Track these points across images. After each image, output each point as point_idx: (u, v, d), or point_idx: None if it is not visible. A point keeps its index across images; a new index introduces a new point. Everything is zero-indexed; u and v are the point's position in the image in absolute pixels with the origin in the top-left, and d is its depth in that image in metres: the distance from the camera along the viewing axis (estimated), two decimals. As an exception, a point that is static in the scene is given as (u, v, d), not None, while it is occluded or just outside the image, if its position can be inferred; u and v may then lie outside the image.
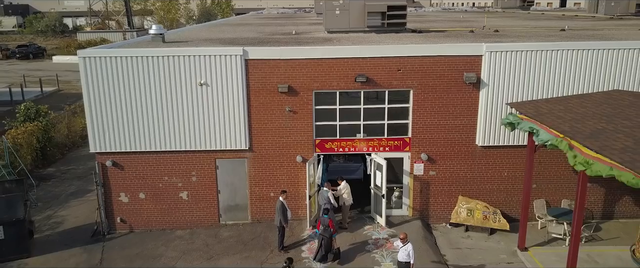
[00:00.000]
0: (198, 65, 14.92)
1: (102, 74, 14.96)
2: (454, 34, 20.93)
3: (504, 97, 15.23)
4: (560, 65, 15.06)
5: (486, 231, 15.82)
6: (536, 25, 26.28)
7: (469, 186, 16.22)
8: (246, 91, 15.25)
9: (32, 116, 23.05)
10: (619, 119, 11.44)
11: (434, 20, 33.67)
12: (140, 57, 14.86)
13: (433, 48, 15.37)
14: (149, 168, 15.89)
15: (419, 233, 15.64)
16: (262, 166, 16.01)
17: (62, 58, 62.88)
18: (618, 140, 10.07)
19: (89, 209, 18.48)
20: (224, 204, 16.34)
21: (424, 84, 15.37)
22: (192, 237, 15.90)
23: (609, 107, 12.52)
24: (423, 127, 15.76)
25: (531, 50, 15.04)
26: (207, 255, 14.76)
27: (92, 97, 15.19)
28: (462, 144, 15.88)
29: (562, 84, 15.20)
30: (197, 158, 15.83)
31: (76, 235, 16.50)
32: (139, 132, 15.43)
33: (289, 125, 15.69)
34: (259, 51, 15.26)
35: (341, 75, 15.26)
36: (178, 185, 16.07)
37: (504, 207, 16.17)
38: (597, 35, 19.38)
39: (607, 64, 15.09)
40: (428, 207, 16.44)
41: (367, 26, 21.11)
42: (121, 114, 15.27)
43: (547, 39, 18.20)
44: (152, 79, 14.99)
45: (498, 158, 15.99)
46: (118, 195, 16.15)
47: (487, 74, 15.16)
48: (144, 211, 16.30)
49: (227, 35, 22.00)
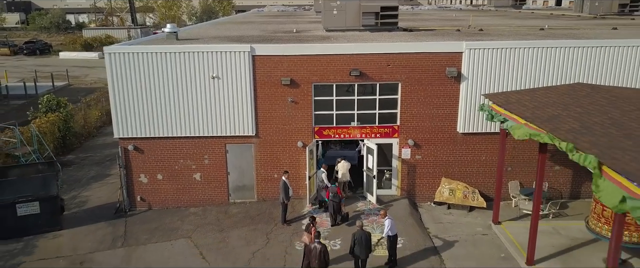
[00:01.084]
0: (210, 61, 16.85)
1: (125, 68, 16.89)
2: (442, 33, 22.86)
3: (482, 89, 17.18)
4: (532, 61, 17.02)
5: (466, 208, 17.81)
6: (521, 25, 28.22)
7: (450, 169, 18.20)
8: (253, 84, 17.18)
9: (53, 107, 24.95)
10: (574, 107, 13.40)
11: (426, 19, 35.58)
12: (160, 53, 16.79)
13: (419, 45, 17.32)
14: (166, 152, 17.85)
15: (406, 210, 17.63)
16: (267, 150, 17.97)
17: (68, 54, 64.67)
18: (567, 123, 12.03)
19: (109, 191, 20.46)
20: (233, 184, 18.31)
21: (411, 77, 17.32)
22: (204, 213, 17.88)
23: (569, 97, 14.46)
24: (410, 116, 17.72)
25: (506, 47, 17.00)
26: (218, 228, 16.74)
27: (116, 88, 17.13)
28: (444, 131, 17.86)
29: (533, 77, 17.16)
30: (209, 143, 17.79)
31: (100, 212, 18.46)
32: (158, 120, 17.37)
33: (291, 114, 17.63)
34: (265, 48, 17.19)
35: (337, 69, 17.20)
36: (192, 167, 18.03)
37: (482, 187, 18.14)
38: (570, 34, 21.30)
39: (572, 60, 17.04)
40: (414, 188, 18.43)
41: (362, 25, 23.06)
42: (142, 103, 17.20)
43: (524, 37, 20.18)
44: (169, 72, 16.91)
45: (477, 144, 17.96)
46: (138, 176, 18.10)
47: (467, 68, 17.12)
48: (161, 190, 18.26)
49: (233, 33, 23.91)
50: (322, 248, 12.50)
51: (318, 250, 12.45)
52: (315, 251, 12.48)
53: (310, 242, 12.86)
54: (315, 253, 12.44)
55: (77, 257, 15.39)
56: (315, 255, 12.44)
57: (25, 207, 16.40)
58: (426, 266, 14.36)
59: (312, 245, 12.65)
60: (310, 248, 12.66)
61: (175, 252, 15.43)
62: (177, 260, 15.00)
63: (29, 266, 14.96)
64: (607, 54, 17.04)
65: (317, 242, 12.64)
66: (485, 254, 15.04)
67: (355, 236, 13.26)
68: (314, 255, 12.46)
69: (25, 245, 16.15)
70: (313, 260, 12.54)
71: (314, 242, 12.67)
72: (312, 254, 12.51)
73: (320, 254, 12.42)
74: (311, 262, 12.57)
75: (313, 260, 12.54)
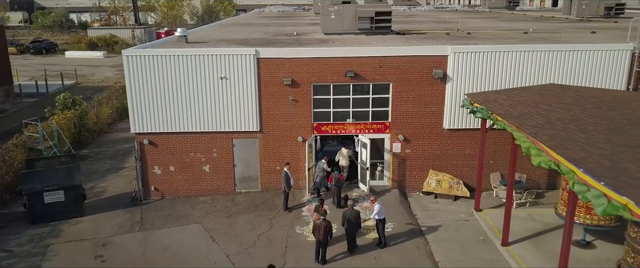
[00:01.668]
0: (219, 62, 18.56)
1: (141, 69, 18.59)
2: (432, 36, 24.59)
3: (465, 89, 18.90)
4: (510, 63, 18.75)
5: (451, 198, 19.55)
6: (508, 28, 29.96)
7: (437, 162, 19.94)
8: (257, 84, 18.90)
9: (69, 105, 26.66)
10: (543, 105, 15.13)
11: (421, 21, 37.32)
12: (173, 56, 18.50)
13: (408, 49, 19.05)
14: (178, 145, 19.57)
15: (396, 199, 19.39)
16: (270, 145, 19.70)
17: (74, 53, 66.31)
18: (534, 119, 13.76)
19: (123, 182, 22.21)
20: (239, 176, 20.05)
21: (401, 78, 19.04)
22: (213, 202, 19.62)
23: (540, 96, 16.20)
24: (400, 113, 19.45)
25: (487, 51, 18.73)
26: (226, 214, 18.49)
27: (133, 87, 18.82)
28: (432, 127, 19.59)
29: (512, 78, 18.89)
30: (218, 138, 19.51)
31: (117, 200, 20.21)
32: (171, 116, 19.08)
33: (292, 112, 19.36)
34: (268, 51, 18.92)
35: (334, 71, 18.92)
36: (201, 159, 19.76)
37: (466, 178, 19.88)
38: (549, 38, 23.00)
39: (547, 63, 18.78)
40: (404, 179, 20.17)
41: (358, 29, 24.79)
42: (156, 101, 18.90)
43: (506, 41, 21.90)
44: (182, 73, 18.62)
45: (461, 139, 19.70)
46: (152, 168, 19.83)
47: (452, 70, 18.84)
48: (173, 181, 19.99)
49: (238, 36, 25.61)
50: (326, 224, 14.73)
51: (323, 225, 14.68)
52: (321, 226, 14.69)
53: (317, 220, 14.96)
54: (321, 228, 14.67)
55: (99, 239, 17.13)
56: (321, 229, 14.66)
57: (51, 195, 18.12)
58: (412, 247, 16.10)
59: (319, 222, 14.80)
60: (317, 224, 14.82)
61: (188, 235, 17.17)
62: (190, 242, 16.73)
63: (57, 247, 16.70)
64: (578, 57, 18.77)
65: (322, 219, 14.79)
66: (466, 237, 16.78)
67: (346, 214, 15.37)
68: (320, 229, 14.67)
69: (51, 229, 17.89)
70: (317, 233, 14.76)
71: (320, 219, 14.82)
72: (318, 228, 14.70)
73: (325, 228, 14.68)
74: (319, 234, 14.74)
75: (317, 233, 14.76)
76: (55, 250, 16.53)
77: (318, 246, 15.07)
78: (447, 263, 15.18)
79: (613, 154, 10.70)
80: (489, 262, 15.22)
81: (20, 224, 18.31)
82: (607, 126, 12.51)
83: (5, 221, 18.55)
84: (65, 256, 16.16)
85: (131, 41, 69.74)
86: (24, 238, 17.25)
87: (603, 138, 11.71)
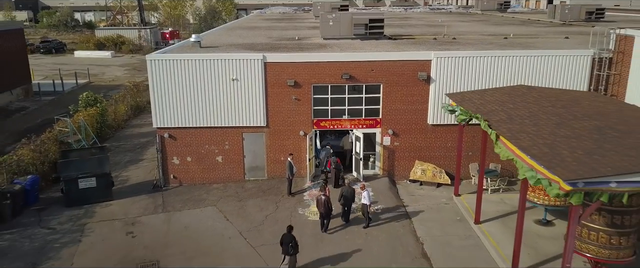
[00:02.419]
0: (231, 66, 21.22)
1: (163, 72, 21.23)
2: (420, 41, 27.25)
3: (447, 89, 21.56)
4: (486, 67, 21.43)
5: (434, 185, 22.25)
6: (492, 32, 32.60)
7: (422, 153, 22.63)
8: (264, 84, 21.55)
9: (91, 103, 29.31)
10: (509, 103, 17.79)
11: (413, 25, 39.95)
12: (191, 60, 21.15)
13: (397, 54, 21.72)
14: (194, 139, 22.23)
15: (386, 186, 22.09)
16: (275, 138, 22.36)
17: (82, 53, 68.87)
18: (498, 115, 16.42)
19: (144, 172, 24.89)
20: (248, 165, 22.73)
21: (390, 80, 21.71)
22: (225, 188, 22.30)
23: (509, 96, 18.85)
24: (390, 110, 22.13)
25: (466, 56, 21.41)
26: (237, 198, 21.19)
27: (155, 87, 21.46)
28: (417, 123, 22.27)
29: (487, 80, 21.57)
30: (229, 132, 22.18)
31: (140, 187, 22.89)
32: (188, 113, 21.73)
33: (294, 109, 22.01)
34: (274, 56, 21.57)
35: (332, 73, 21.58)
36: (215, 151, 22.43)
37: (447, 168, 22.55)
38: (525, 44, 25.64)
39: (518, 66, 21.46)
40: (393, 168, 22.86)
41: (354, 34, 27.46)
42: (176, 99, 21.54)
43: (486, 46, 24.55)
44: (198, 75, 21.26)
45: (443, 133, 22.39)
46: (172, 158, 22.50)
47: (435, 73, 21.51)
48: (190, 170, 22.66)
49: (245, 41, 28.24)
50: (326, 199, 17.68)
51: (323, 200, 17.62)
52: (321, 200, 17.66)
53: (318, 196, 17.99)
54: (321, 202, 17.66)
55: (128, 219, 19.82)
56: (321, 203, 17.67)
57: (85, 182, 20.80)
58: (399, 225, 18.80)
59: (319, 197, 17.81)
60: (320, 200, 17.79)
61: (205, 216, 19.87)
62: (207, 221, 19.43)
63: (93, 226, 19.39)
64: (547, 61, 21.46)
65: (322, 194, 17.74)
66: (445, 217, 19.48)
67: (343, 191, 18.42)
68: (321, 203, 17.70)
69: (85, 211, 20.57)
70: (320, 206, 17.76)
71: (322, 195, 17.77)
72: (320, 203, 17.73)
73: (325, 202, 17.66)
74: (321, 208, 17.76)
75: (320, 206, 17.76)
76: (91, 228, 19.23)
77: (322, 218, 17.98)
78: (427, 238, 17.89)
79: (553, 143, 13.38)
80: (462, 237, 17.93)
81: (57, 207, 21.00)
82: (556, 121, 15.19)
83: (45, 204, 21.24)
84: (100, 233, 18.85)
85: (137, 41, 72.31)
86: (63, 218, 19.94)
87: (549, 131, 14.39)
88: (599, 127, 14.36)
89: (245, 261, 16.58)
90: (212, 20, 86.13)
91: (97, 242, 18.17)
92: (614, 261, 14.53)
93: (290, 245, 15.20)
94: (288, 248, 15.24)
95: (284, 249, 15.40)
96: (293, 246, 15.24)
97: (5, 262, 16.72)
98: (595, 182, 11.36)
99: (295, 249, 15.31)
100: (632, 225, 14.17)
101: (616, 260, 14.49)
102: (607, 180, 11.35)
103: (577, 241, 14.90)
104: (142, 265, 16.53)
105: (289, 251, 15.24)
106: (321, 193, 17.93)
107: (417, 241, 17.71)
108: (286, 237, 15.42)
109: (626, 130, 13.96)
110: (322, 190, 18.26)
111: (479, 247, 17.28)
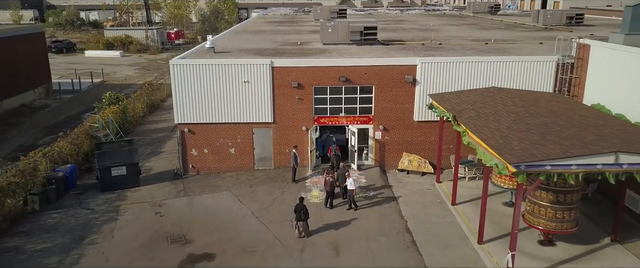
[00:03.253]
0: (243, 70, 24.48)
1: (184, 75, 24.47)
2: (409, 47, 30.51)
3: (430, 90, 24.82)
4: (465, 71, 24.69)
5: (419, 173, 25.57)
6: (477, 37, 35.85)
7: (409, 146, 25.94)
8: (272, 86, 24.81)
9: (113, 101, 32.58)
10: (480, 103, 21.08)
11: (406, 29, 43.21)
12: (208, 64, 24.41)
13: (386, 60, 25.01)
14: (210, 133, 25.52)
15: (377, 174, 25.41)
16: (281, 132, 25.64)
17: (93, 52, 72.04)
18: (469, 113, 19.71)
19: (164, 162, 28.17)
20: (257, 156, 26.03)
21: (381, 82, 24.99)
22: (237, 176, 25.61)
23: (481, 96, 22.14)
24: (381, 109, 25.42)
25: (447, 62, 24.68)
26: (249, 184, 24.50)
27: (177, 88, 24.71)
28: (405, 120, 25.57)
29: (466, 82, 24.83)
30: (241, 127, 25.46)
31: (163, 176, 26.18)
32: (206, 111, 24.98)
33: (298, 107, 25.28)
34: (280, 61, 24.85)
35: (330, 76, 24.84)
36: (229, 144, 25.71)
37: (431, 158, 25.86)
38: (502, 49, 28.91)
39: (493, 71, 24.73)
40: (384, 159, 26.19)
41: (350, 40, 30.72)
42: (195, 98, 24.78)
43: (467, 52, 27.80)
44: (214, 77, 24.51)
45: (427, 129, 25.68)
46: (191, 150, 25.79)
47: (420, 76, 24.79)
48: (206, 160, 25.96)
49: (253, 46, 31.47)
50: (331, 180, 21.34)
51: (330, 181, 21.23)
52: (328, 181, 21.36)
53: (326, 177, 21.65)
54: (328, 183, 21.31)
55: (156, 202, 23.12)
56: (328, 183, 21.31)
57: (116, 170, 24.09)
58: (387, 206, 22.10)
59: (327, 178, 21.47)
60: (326, 180, 21.45)
61: (221, 199, 23.17)
62: (223, 203, 22.73)
63: (126, 207, 22.68)
64: (517, 66, 24.74)
65: (329, 176, 21.40)
66: (427, 200, 22.79)
67: (339, 173, 22.05)
68: (327, 183, 21.36)
69: (118, 195, 23.87)
70: (327, 186, 21.33)
71: (329, 177, 21.41)
72: (327, 183, 21.40)
73: (331, 183, 21.29)
74: (327, 187, 21.37)
75: (327, 186, 21.33)
76: (125, 208, 22.53)
77: (327, 196, 21.56)
78: (410, 217, 21.21)
79: (508, 135, 16.68)
80: (440, 216, 21.26)
81: (93, 191, 24.30)
82: (514, 118, 18.48)
83: (81, 189, 24.53)
84: (133, 212, 22.16)
85: (145, 41, 75.50)
86: (99, 201, 23.25)
87: (507, 126, 17.68)
88: (547, 122, 17.69)
89: (257, 233, 19.91)
90: (215, 21, 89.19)
91: (131, 220, 21.47)
92: (560, 232, 17.90)
93: (302, 211, 19.09)
94: (300, 214, 19.11)
95: (297, 216, 19.21)
96: (304, 213, 19.13)
97: (58, 235, 20.03)
98: (534, 165, 14.68)
99: (306, 215, 19.24)
100: (574, 202, 17.52)
101: (561, 231, 17.87)
102: (542, 164, 14.67)
103: (531, 216, 18.32)
104: (172, 237, 19.85)
105: (301, 217, 19.12)
106: (329, 175, 21.53)
107: (402, 219, 21.03)
108: (299, 206, 19.26)
109: (567, 125, 17.30)
110: (329, 173, 21.83)
111: (454, 224, 20.61)
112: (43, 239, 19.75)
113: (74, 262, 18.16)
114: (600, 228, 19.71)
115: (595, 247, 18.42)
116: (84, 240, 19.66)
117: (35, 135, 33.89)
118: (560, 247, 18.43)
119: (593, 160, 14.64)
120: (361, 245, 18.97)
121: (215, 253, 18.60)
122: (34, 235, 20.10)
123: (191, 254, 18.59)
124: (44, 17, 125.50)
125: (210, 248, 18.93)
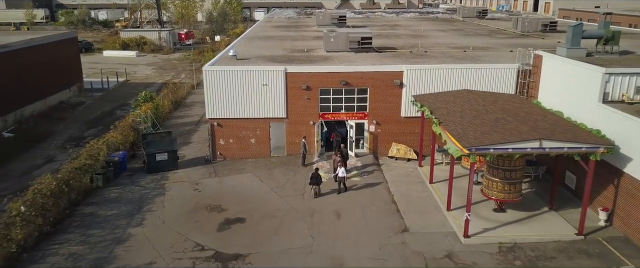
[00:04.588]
0: (262, 75, 30.11)
1: (214, 79, 30.08)
2: (399, 54, 36.14)
3: (415, 91, 30.46)
4: (443, 76, 30.35)
5: (406, 159, 31.28)
6: (459, 44, 41.42)
7: (397, 137, 31.64)
8: (285, 88, 30.45)
9: (147, 99, 38.20)
10: (452, 103, 26.71)
11: (399, 35, 48.79)
12: (234, 70, 30.04)
13: (379, 67, 30.67)
14: (235, 126, 31.18)
15: (371, 160, 31.14)
16: (292, 126, 31.31)
17: (110, 52, 77.48)
18: (442, 110, 25.34)
19: (194, 150, 33.84)
20: (273, 145, 31.72)
21: (375, 85, 30.66)
22: (257, 161, 31.30)
23: (454, 97, 27.77)
24: (374, 107, 31.10)
25: (428, 68, 30.34)
26: (266, 168, 30.21)
27: (209, 89, 30.34)
28: (394, 115, 31.26)
29: (444, 85, 30.49)
30: (260, 122, 31.12)
31: (195, 161, 31.86)
32: (231, 108, 30.62)
33: (306, 106, 30.93)
34: (292, 68, 30.49)
35: (333, 80, 30.49)
36: (250, 135, 31.39)
37: (415, 147, 31.53)
38: (476, 57, 34.52)
39: (466, 76, 30.40)
40: (377, 148, 31.90)
41: (349, 48, 36.36)
42: (223, 97, 30.41)
43: (446, 59, 33.43)
44: (239, 81, 30.13)
45: (412, 123, 31.35)
46: (219, 140, 31.46)
47: (406, 80, 30.46)
48: (231, 149, 31.64)
49: (266, 52, 37.01)
50: (339, 160, 26.98)
51: (338, 160, 26.89)
52: (336, 159, 27.17)
53: (334, 157, 27.47)
54: (336, 161, 27.04)
55: (193, 181, 28.81)
56: (336, 161, 27.03)
57: (160, 156, 29.75)
58: (378, 185, 27.79)
59: (335, 158, 27.24)
60: (334, 159, 27.37)
61: (245, 179, 28.87)
62: (247, 182, 28.42)
63: (169, 185, 28.36)
64: (486, 72, 30.39)
65: (338, 157, 27.26)
66: (411, 180, 28.49)
67: (342, 151, 27.71)
68: (336, 162, 27.07)
69: (161, 176, 29.55)
70: (335, 164, 27.07)
71: (336, 157, 27.16)
72: (335, 161, 27.14)
73: (337, 162, 26.94)
74: (335, 164, 26.98)
75: (335, 164, 27.07)
76: (169, 186, 28.23)
77: (334, 170, 27.42)
78: (396, 193, 26.91)
79: (467, 127, 22.35)
80: (420, 192, 26.98)
81: (140, 174, 29.98)
82: (475, 114, 24.14)
83: (131, 172, 30.22)
84: (176, 189, 27.85)
85: (158, 42, 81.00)
86: (147, 180, 28.93)
87: (468, 120, 23.34)
88: (498, 118, 23.38)
89: (276, 204, 25.62)
90: (222, 22, 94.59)
91: (175, 195, 27.16)
92: (508, 200, 23.62)
93: (318, 178, 25.62)
94: (317, 180, 25.58)
95: (312, 181, 25.70)
96: (319, 179, 25.71)
97: (121, 205, 25.72)
98: (481, 148, 20.37)
99: (319, 180, 25.62)
100: (518, 178, 23.21)
101: (509, 200, 23.59)
102: (487, 147, 20.36)
103: (487, 189, 24.03)
104: (210, 207, 25.55)
105: (317, 182, 25.58)
106: (337, 156, 27.44)
107: (389, 193, 26.74)
108: (314, 174, 25.77)
109: (512, 120, 22.98)
110: (336, 154, 27.70)
111: (430, 197, 26.33)
112: (110, 208, 25.46)
113: (138, 223, 23.86)
114: (542, 200, 25.46)
115: (536, 213, 24.16)
116: (142, 208, 25.36)
117: (79, 128, 39.54)
118: (509, 213, 24.17)
119: (523, 145, 20.36)
120: (357, 212, 24.69)
121: (245, 218, 24.32)
122: (103, 205, 25.80)
123: (227, 218, 24.32)
124: (54, 15, 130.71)
125: (241, 214, 24.64)
